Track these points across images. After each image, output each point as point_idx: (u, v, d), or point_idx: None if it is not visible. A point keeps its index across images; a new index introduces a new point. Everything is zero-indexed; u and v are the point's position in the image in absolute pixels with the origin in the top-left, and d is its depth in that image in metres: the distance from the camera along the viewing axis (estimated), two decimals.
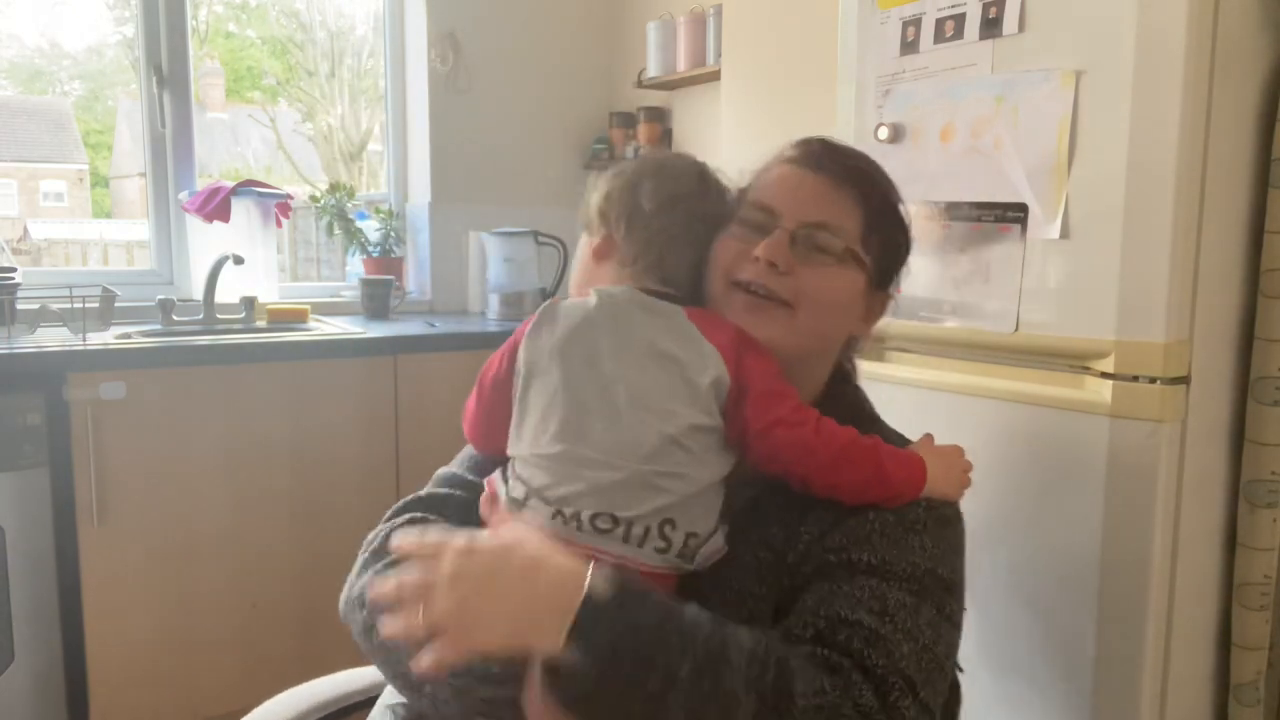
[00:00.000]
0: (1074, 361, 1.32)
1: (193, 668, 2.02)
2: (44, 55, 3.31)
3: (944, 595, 0.81)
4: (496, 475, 0.88)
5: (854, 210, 0.90)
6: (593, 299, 0.87)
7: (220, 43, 3.85)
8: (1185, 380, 1.24)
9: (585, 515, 0.78)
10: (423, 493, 0.98)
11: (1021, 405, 1.38)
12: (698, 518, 0.82)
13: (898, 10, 1.52)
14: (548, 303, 0.89)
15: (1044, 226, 1.32)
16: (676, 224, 0.92)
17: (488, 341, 2.33)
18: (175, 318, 2.35)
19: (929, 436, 0.93)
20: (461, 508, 0.94)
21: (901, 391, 1.57)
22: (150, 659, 1.97)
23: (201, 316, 2.41)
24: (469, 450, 1.03)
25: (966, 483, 0.90)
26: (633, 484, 0.79)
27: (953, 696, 0.97)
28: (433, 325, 2.52)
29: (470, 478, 0.98)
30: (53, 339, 2.00)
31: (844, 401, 0.96)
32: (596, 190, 0.96)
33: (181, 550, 1.98)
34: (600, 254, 0.94)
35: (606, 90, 3.23)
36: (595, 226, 0.95)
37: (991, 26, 1.37)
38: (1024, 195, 1.34)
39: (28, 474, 1.84)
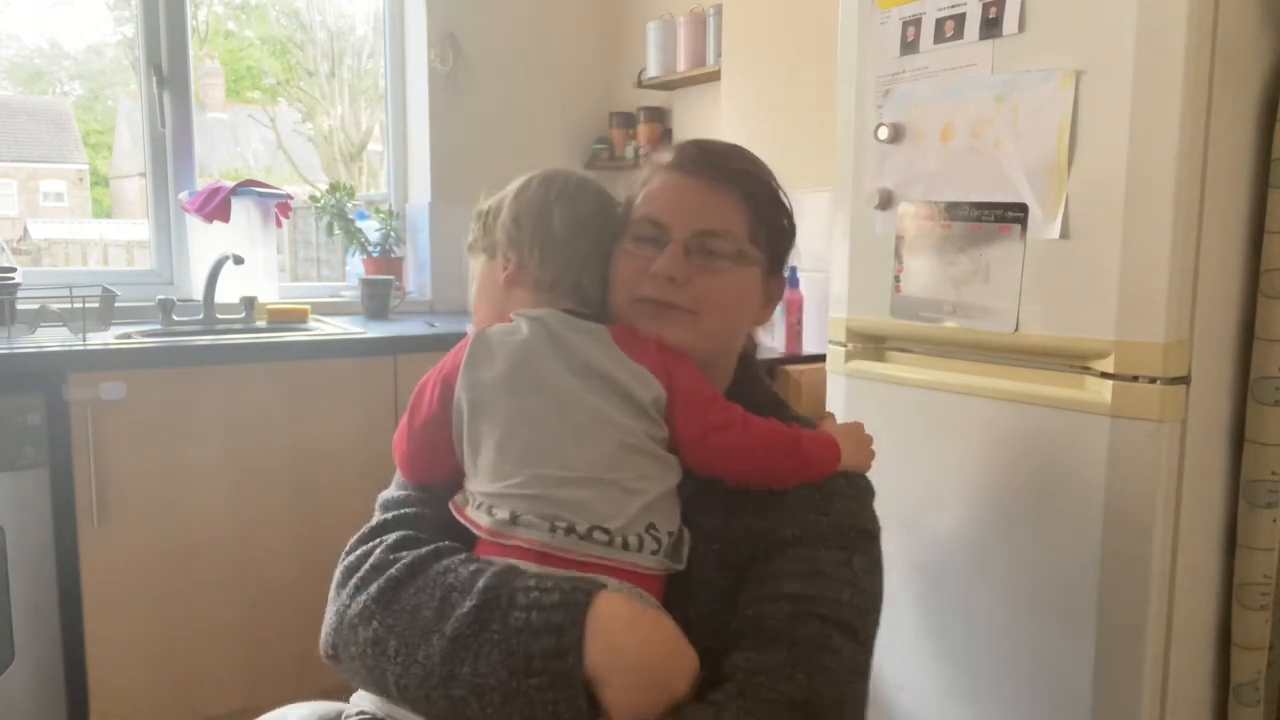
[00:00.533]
0: (1074, 361, 1.32)
1: (193, 668, 2.02)
2: (44, 55, 3.31)
3: (870, 544, 0.91)
4: (467, 508, 0.86)
5: (740, 210, 0.94)
6: (523, 326, 0.89)
7: (220, 43, 3.85)
8: (1185, 380, 1.24)
9: (581, 528, 0.80)
10: (389, 517, 0.93)
11: (1021, 405, 1.38)
12: (669, 517, 0.86)
13: (898, 10, 1.52)
14: (476, 335, 0.89)
15: (1044, 226, 1.32)
16: (588, 245, 0.96)
17: None
18: (175, 318, 2.35)
19: (831, 416, 1.03)
20: (431, 527, 0.91)
21: (901, 391, 1.57)
22: (150, 659, 1.97)
23: (201, 316, 2.41)
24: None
25: (873, 454, 0.99)
26: (611, 494, 0.82)
27: None
28: (433, 325, 2.52)
29: (421, 495, 0.95)
30: (53, 339, 2.00)
31: (750, 388, 1.02)
32: (498, 216, 0.98)
33: (181, 550, 1.98)
34: (513, 280, 0.96)
35: (606, 90, 3.23)
36: (503, 251, 0.97)
37: (991, 26, 1.37)
38: (1024, 195, 1.34)
39: (28, 474, 1.84)
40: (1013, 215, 1.35)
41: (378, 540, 0.89)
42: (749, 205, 0.95)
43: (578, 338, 0.89)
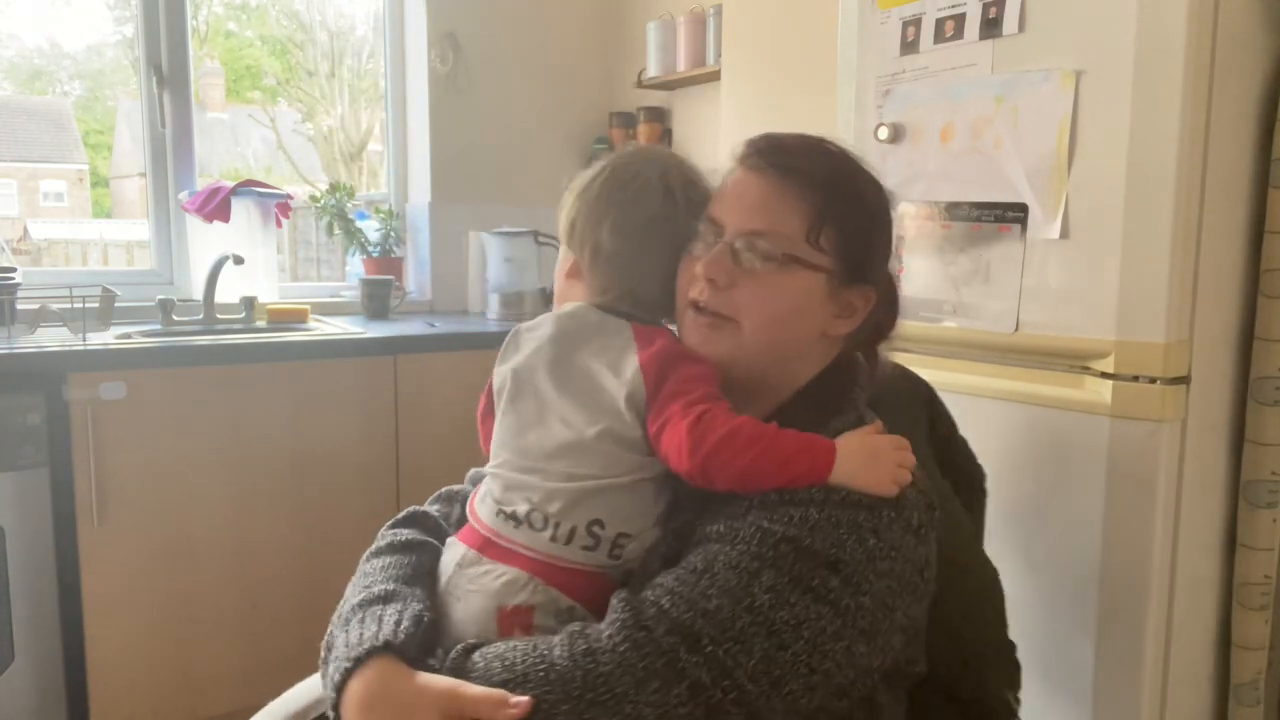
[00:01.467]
0: (1074, 361, 1.32)
1: (193, 667, 2.02)
2: (44, 55, 3.32)
3: (813, 569, 0.73)
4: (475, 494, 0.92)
5: (796, 210, 0.85)
6: (548, 322, 0.90)
7: (220, 43, 3.85)
8: (1185, 380, 1.24)
9: (521, 512, 0.82)
10: (418, 509, 1.01)
11: (1021, 405, 1.38)
12: (630, 518, 0.83)
13: (898, 10, 1.52)
14: (513, 329, 0.92)
15: (1044, 226, 1.32)
16: (642, 253, 0.90)
17: (488, 341, 2.33)
18: (175, 318, 2.35)
19: (876, 424, 0.87)
20: (437, 528, 0.98)
21: None
22: (150, 659, 1.97)
23: (201, 316, 2.41)
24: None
25: (897, 476, 0.79)
26: (552, 484, 0.82)
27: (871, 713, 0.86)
28: (433, 325, 2.52)
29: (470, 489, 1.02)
30: (53, 339, 2.00)
31: (820, 394, 0.89)
32: (564, 207, 0.95)
33: (181, 550, 1.98)
34: (571, 275, 0.95)
35: (606, 90, 3.23)
36: (564, 243, 0.96)
37: (991, 26, 1.37)
38: (1024, 195, 1.34)
39: (28, 474, 1.84)
40: (1013, 215, 1.35)
41: (397, 515, 1.00)
42: (811, 203, 0.84)
43: (590, 333, 0.88)
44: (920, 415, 1.14)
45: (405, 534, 0.94)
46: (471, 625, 0.81)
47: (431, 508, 1.02)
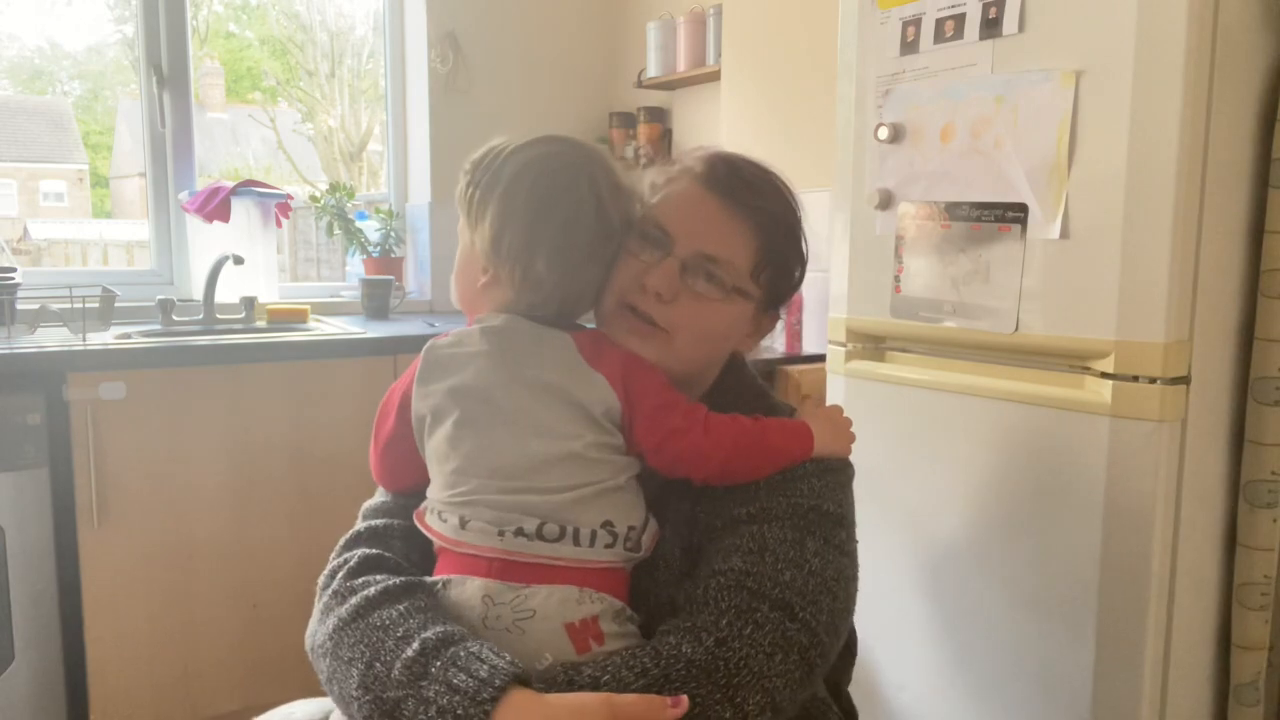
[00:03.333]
0: (1074, 361, 1.32)
1: (193, 668, 2.02)
2: (44, 55, 3.32)
3: (832, 528, 0.87)
4: (426, 517, 0.87)
5: (749, 243, 0.91)
6: (475, 337, 0.87)
7: (220, 43, 3.85)
8: (1185, 380, 1.24)
9: (531, 528, 0.80)
10: (362, 528, 0.95)
11: (1021, 405, 1.38)
12: (629, 511, 0.85)
13: (898, 10, 1.52)
14: (426, 348, 0.88)
15: (1044, 226, 1.32)
16: (577, 277, 0.89)
17: None
18: (175, 318, 2.35)
19: (809, 399, 0.98)
20: (401, 535, 0.93)
21: (901, 392, 1.57)
22: (150, 659, 1.97)
23: (201, 316, 2.41)
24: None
25: (852, 438, 0.95)
26: (556, 498, 0.81)
27: (845, 659, 1.05)
28: (433, 325, 2.52)
29: (398, 501, 0.97)
30: (53, 339, 1.99)
31: (733, 385, 0.99)
32: (474, 201, 0.90)
33: (181, 550, 1.98)
34: (490, 285, 0.90)
35: (606, 90, 3.23)
36: (485, 258, 0.89)
37: (991, 26, 1.37)
38: (1024, 195, 1.34)
39: (28, 474, 1.84)
40: (1013, 215, 1.35)
41: (344, 559, 0.89)
42: (760, 241, 0.91)
43: (531, 347, 0.86)
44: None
45: (386, 580, 0.84)
46: (543, 650, 0.78)
47: (367, 551, 0.91)
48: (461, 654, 0.73)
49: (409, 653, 0.74)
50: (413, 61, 2.96)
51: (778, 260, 0.94)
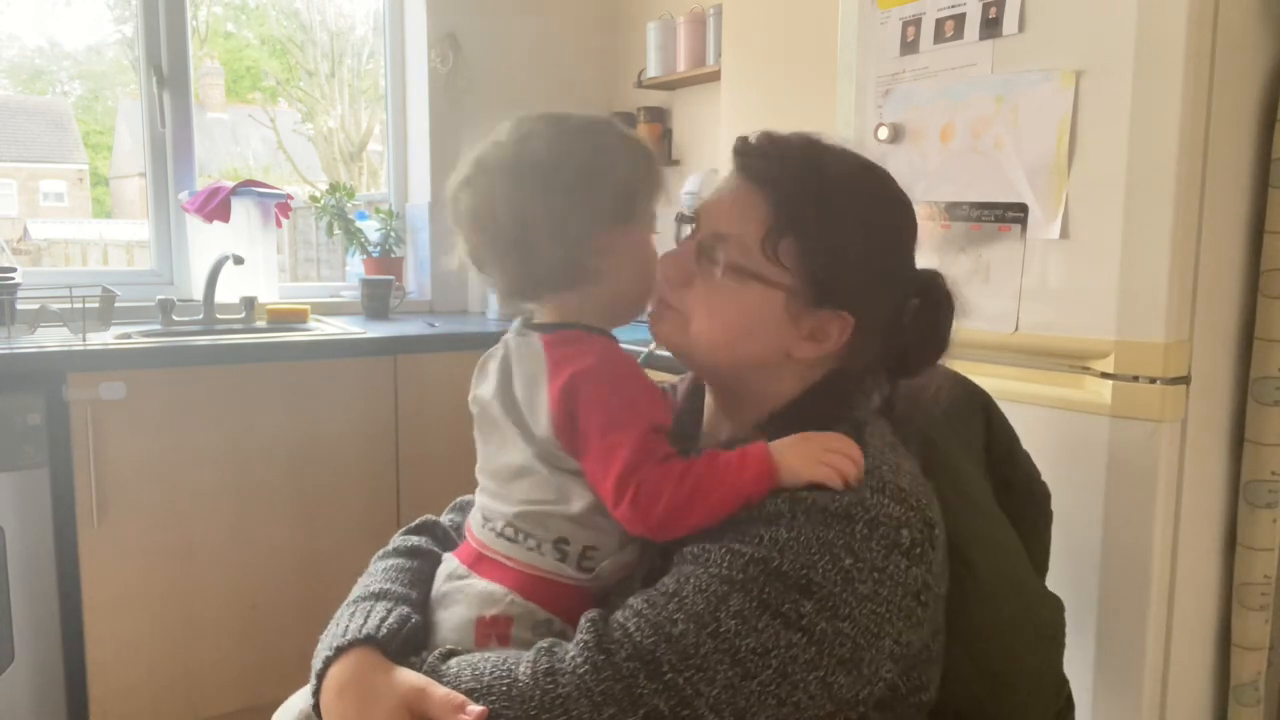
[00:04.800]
0: (1074, 361, 1.32)
1: (193, 668, 2.02)
2: (44, 55, 3.32)
3: (783, 591, 0.68)
4: None
5: (759, 215, 0.78)
6: (502, 347, 0.89)
7: (220, 43, 3.85)
8: (1185, 380, 1.24)
9: (499, 526, 0.83)
10: (430, 518, 1.02)
11: (1021, 405, 1.38)
12: (595, 534, 0.81)
13: (898, 10, 1.52)
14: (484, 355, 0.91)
15: (1044, 226, 1.32)
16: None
17: (488, 341, 2.31)
18: (175, 318, 2.35)
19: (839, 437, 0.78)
20: (446, 537, 0.99)
21: None
22: (150, 659, 1.97)
23: (201, 316, 2.41)
24: None
25: (826, 459, 0.74)
26: (513, 507, 0.83)
27: None
28: (433, 325, 2.52)
29: None
30: (53, 339, 2.00)
31: (801, 415, 0.81)
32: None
33: (181, 550, 1.98)
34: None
35: (606, 90, 3.23)
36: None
37: (991, 26, 1.37)
38: (1024, 195, 1.34)
39: (28, 474, 1.84)
40: (1013, 215, 1.35)
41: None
42: (770, 210, 0.78)
43: (517, 356, 0.85)
44: (976, 431, 1.04)
45: (413, 540, 0.95)
46: (452, 634, 0.81)
47: (445, 517, 1.03)
48: (367, 607, 0.81)
49: (352, 597, 0.85)
50: (413, 61, 2.97)
51: (798, 228, 0.78)
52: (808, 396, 0.83)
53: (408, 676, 0.74)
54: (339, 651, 0.77)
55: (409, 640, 0.79)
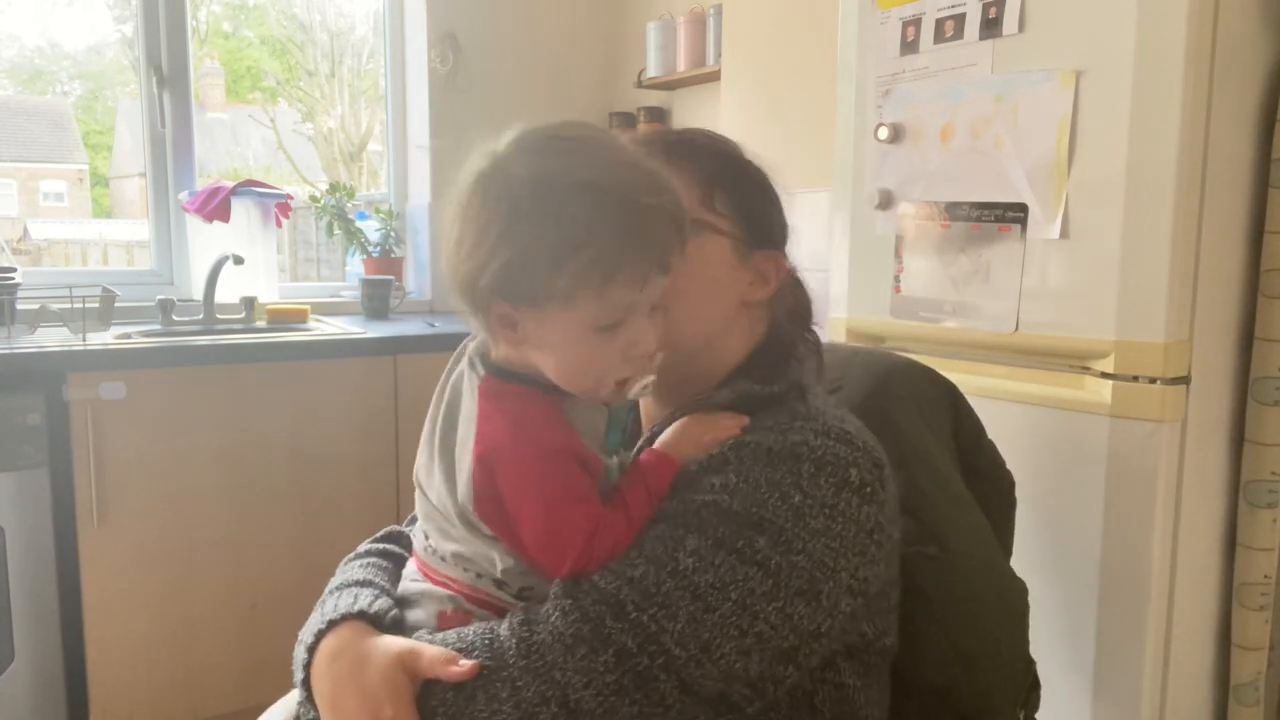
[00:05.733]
0: (1074, 361, 1.32)
1: (193, 668, 2.02)
2: (44, 55, 3.32)
3: (737, 529, 0.72)
4: None
5: (690, 180, 0.84)
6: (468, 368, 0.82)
7: (220, 43, 3.85)
8: (1185, 380, 1.24)
9: (438, 551, 0.81)
10: (395, 528, 1.01)
11: (1021, 405, 1.38)
12: (529, 577, 0.77)
13: (898, 10, 1.52)
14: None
15: (1044, 226, 1.32)
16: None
17: None
18: (175, 318, 2.35)
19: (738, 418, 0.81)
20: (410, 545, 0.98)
21: None
22: (150, 659, 1.97)
23: (201, 316, 2.41)
24: None
25: (712, 434, 0.78)
26: (451, 546, 0.79)
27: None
28: (433, 325, 2.52)
29: None
30: (53, 339, 2.00)
31: (758, 370, 0.86)
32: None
33: (181, 550, 1.98)
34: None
35: (606, 90, 3.23)
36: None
37: (991, 26, 1.37)
38: (1024, 195, 1.34)
39: (28, 474, 1.84)
40: (1013, 215, 1.36)
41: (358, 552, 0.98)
42: (697, 172, 0.85)
43: (465, 387, 0.79)
44: (945, 419, 1.09)
45: (381, 546, 0.96)
46: (417, 627, 0.81)
47: (409, 527, 1.02)
48: (354, 591, 0.82)
49: (332, 585, 0.85)
50: (413, 61, 2.97)
51: (728, 185, 0.86)
52: (754, 359, 0.88)
53: (398, 640, 0.76)
54: (331, 625, 0.79)
55: (395, 625, 0.80)
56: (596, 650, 0.69)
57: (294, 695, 0.87)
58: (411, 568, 0.86)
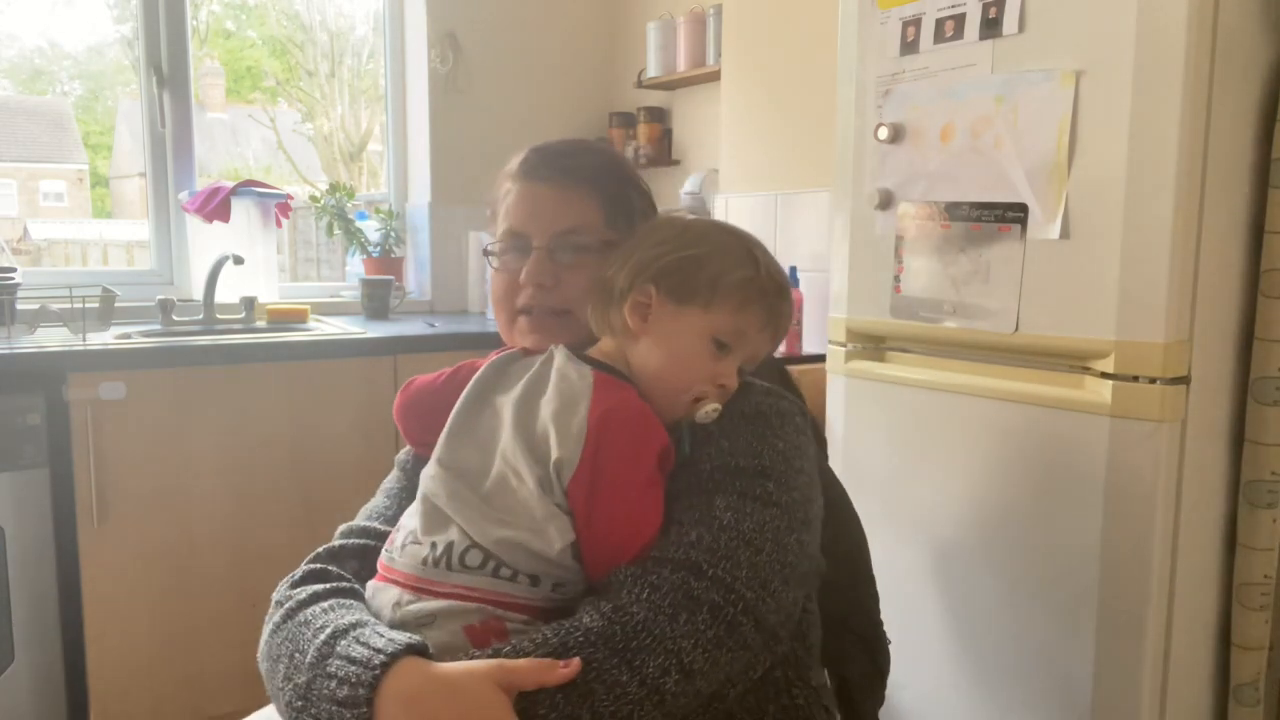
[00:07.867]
0: (1074, 361, 1.32)
1: (193, 667, 2.02)
2: (44, 55, 3.32)
3: (749, 480, 0.83)
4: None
5: (591, 202, 0.95)
6: (551, 362, 0.88)
7: (220, 43, 3.85)
8: (1185, 380, 1.24)
9: (457, 551, 0.80)
10: (321, 549, 1.05)
11: (1021, 405, 1.38)
12: (564, 572, 0.81)
13: (898, 10, 1.52)
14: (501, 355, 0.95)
15: (1044, 226, 1.32)
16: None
17: (488, 342, 2.32)
18: (175, 318, 2.35)
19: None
20: (355, 554, 1.01)
21: (901, 392, 1.57)
22: (150, 659, 1.97)
23: (201, 316, 2.41)
24: (374, 503, 1.12)
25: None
26: (498, 531, 0.80)
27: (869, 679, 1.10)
28: (433, 325, 2.52)
29: (378, 527, 1.03)
30: (53, 339, 2.00)
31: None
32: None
33: (181, 550, 1.98)
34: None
35: (606, 90, 3.23)
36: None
37: (991, 26, 1.37)
38: (1024, 195, 1.34)
39: (28, 474, 1.84)
40: (1013, 215, 1.36)
41: (291, 575, 1.00)
42: (600, 195, 0.96)
43: (554, 377, 0.85)
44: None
45: (317, 586, 0.92)
46: (443, 652, 0.77)
47: (342, 542, 1.05)
48: (365, 633, 0.78)
49: (320, 639, 0.79)
50: (413, 61, 2.97)
51: (624, 204, 0.98)
52: None
53: (478, 663, 0.73)
54: (385, 668, 0.73)
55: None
56: (694, 612, 0.75)
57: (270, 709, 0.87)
58: (391, 594, 0.83)
